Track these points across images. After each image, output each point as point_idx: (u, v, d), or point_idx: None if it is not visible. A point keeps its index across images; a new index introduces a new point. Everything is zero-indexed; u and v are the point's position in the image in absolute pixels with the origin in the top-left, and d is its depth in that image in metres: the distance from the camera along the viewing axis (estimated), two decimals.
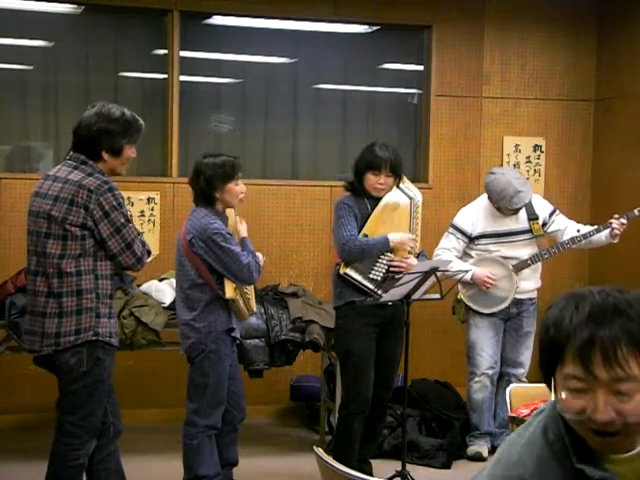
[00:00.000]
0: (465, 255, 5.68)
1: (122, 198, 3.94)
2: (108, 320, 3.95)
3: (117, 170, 4.02)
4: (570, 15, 7.11)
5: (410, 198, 5.02)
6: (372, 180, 4.86)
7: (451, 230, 5.67)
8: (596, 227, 5.61)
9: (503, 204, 5.51)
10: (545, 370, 1.69)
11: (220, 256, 4.40)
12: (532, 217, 5.65)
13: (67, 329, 3.88)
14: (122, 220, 3.90)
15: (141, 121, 4.06)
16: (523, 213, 5.65)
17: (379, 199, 4.92)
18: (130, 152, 4.01)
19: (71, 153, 3.99)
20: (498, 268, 5.60)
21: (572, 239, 5.60)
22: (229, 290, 4.45)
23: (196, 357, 4.52)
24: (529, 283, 5.68)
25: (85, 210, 3.85)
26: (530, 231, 5.63)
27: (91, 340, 3.90)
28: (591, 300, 1.63)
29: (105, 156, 3.93)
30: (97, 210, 3.85)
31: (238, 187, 4.53)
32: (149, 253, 4.08)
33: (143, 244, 4.02)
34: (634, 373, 1.59)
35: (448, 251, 5.60)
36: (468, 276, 5.51)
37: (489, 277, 5.53)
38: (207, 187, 4.47)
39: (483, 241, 5.62)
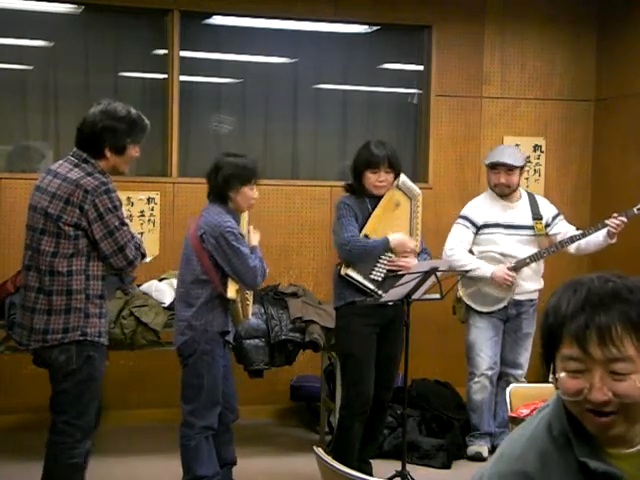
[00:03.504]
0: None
1: (119, 200, 3.93)
2: (98, 320, 3.95)
3: (120, 168, 4.01)
4: (570, 15, 7.11)
5: (410, 197, 5.02)
6: (372, 178, 4.86)
7: (459, 220, 5.68)
8: (594, 227, 5.62)
9: (486, 160, 5.71)
10: (545, 356, 1.71)
11: (228, 255, 4.40)
12: (536, 217, 5.68)
13: (55, 327, 3.89)
14: (116, 223, 3.89)
15: (147, 121, 4.06)
16: (527, 211, 5.68)
17: (379, 198, 4.92)
18: (134, 152, 4.01)
19: (74, 149, 3.99)
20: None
21: (571, 237, 5.61)
22: (231, 290, 4.44)
23: (189, 357, 4.52)
24: (530, 284, 5.68)
25: (80, 210, 3.85)
26: (532, 228, 5.65)
27: (79, 340, 3.91)
28: (589, 285, 1.67)
29: (108, 154, 3.93)
30: (92, 211, 3.85)
31: (252, 192, 4.53)
32: (143, 256, 4.07)
33: (138, 247, 4.01)
34: (629, 353, 1.62)
35: (461, 242, 5.60)
36: (488, 274, 5.52)
37: (509, 274, 5.53)
38: (224, 185, 4.47)
39: (486, 230, 5.63)
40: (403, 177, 5.00)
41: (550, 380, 1.71)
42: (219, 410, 4.58)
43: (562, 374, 1.66)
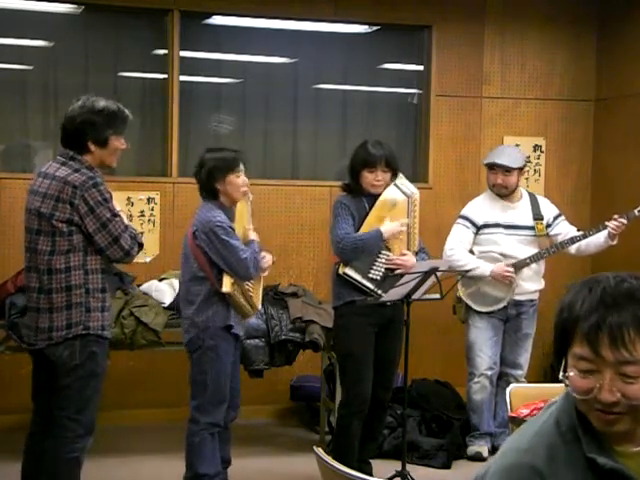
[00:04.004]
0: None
1: (108, 193, 3.98)
2: (101, 313, 4.00)
3: (107, 161, 4.06)
4: (570, 15, 7.11)
5: (407, 195, 5.02)
6: (369, 178, 4.86)
7: (459, 220, 5.68)
8: (594, 228, 5.61)
9: (485, 160, 5.74)
10: (557, 352, 1.71)
11: (219, 249, 4.43)
12: (537, 217, 5.67)
13: (59, 324, 3.95)
14: (108, 215, 3.94)
15: (127, 112, 4.11)
16: (528, 211, 5.68)
17: (376, 198, 4.92)
18: (118, 143, 4.05)
19: (61, 149, 4.07)
20: None
21: (571, 239, 5.61)
22: (227, 284, 4.47)
23: (194, 352, 4.56)
24: (530, 284, 5.67)
25: (71, 206, 3.91)
26: (533, 228, 5.65)
27: (82, 334, 3.96)
28: (605, 285, 1.66)
29: (92, 147, 3.99)
30: (82, 206, 3.90)
31: (240, 180, 4.55)
32: (141, 246, 4.12)
33: (133, 237, 4.06)
34: None
35: (461, 242, 5.60)
36: (487, 272, 5.52)
37: (508, 270, 5.52)
38: (207, 179, 4.53)
39: (486, 230, 5.63)
40: (400, 176, 5.01)
41: (560, 377, 1.70)
42: (226, 407, 4.60)
43: (572, 372, 1.66)
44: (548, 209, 5.76)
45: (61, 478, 4.07)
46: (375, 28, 6.93)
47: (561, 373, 1.70)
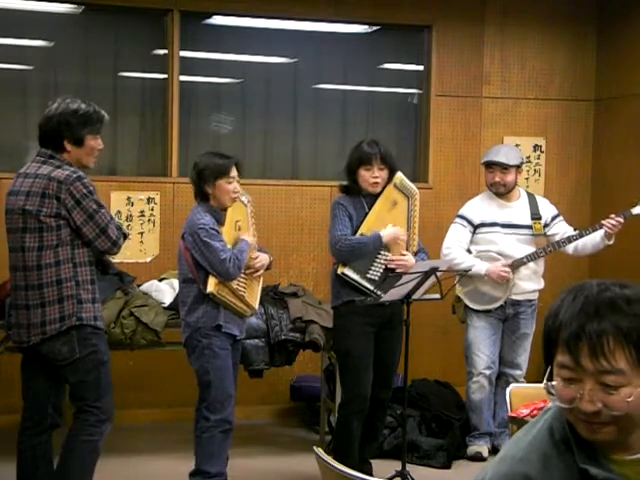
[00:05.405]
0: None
1: (92, 186, 4.04)
2: (92, 305, 4.06)
3: (83, 161, 4.11)
4: (570, 15, 7.11)
5: (407, 195, 5.02)
6: (366, 175, 4.86)
7: (457, 220, 5.68)
8: (591, 227, 5.62)
9: (483, 158, 5.74)
10: (546, 360, 1.70)
11: (203, 250, 4.49)
12: (535, 217, 5.67)
13: (51, 317, 4.00)
14: (94, 207, 4.00)
15: (103, 113, 4.16)
16: (525, 210, 5.68)
17: (376, 197, 4.92)
18: (94, 143, 4.10)
19: (39, 149, 4.12)
20: None
21: (568, 238, 5.61)
22: (210, 285, 4.51)
23: (192, 352, 4.61)
24: (528, 284, 5.66)
25: (57, 201, 3.96)
26: (530, 228, 5.65)
27: (76, 325, 4.01)
28: (587, 293, 1.64)
29: (68, 146, 4.05)
30: (69, 199, 3.96)
31: (230, 186, 4.57)
32: (125, 236, 4.19)
33: (119, 228, 4.13)
34: (620, 367, 1.59)
35: (458, 242, 5.60)
36: (482, 271, 5.51)
37: (504, 270, 5.52)
38: (198, 180, 4.58)
39: (484, 229, 5.63)
40: (401, 176, 5.00)
41: (543, 385, 1.70)
42: (233, 403, 4.63)
43: (556, 381, 1.65)
44: (547, 209, 5.76)
45: (76, 461, 4.14)
46: (375, 28, 6.94)
47: (544, 381, 1.69)
